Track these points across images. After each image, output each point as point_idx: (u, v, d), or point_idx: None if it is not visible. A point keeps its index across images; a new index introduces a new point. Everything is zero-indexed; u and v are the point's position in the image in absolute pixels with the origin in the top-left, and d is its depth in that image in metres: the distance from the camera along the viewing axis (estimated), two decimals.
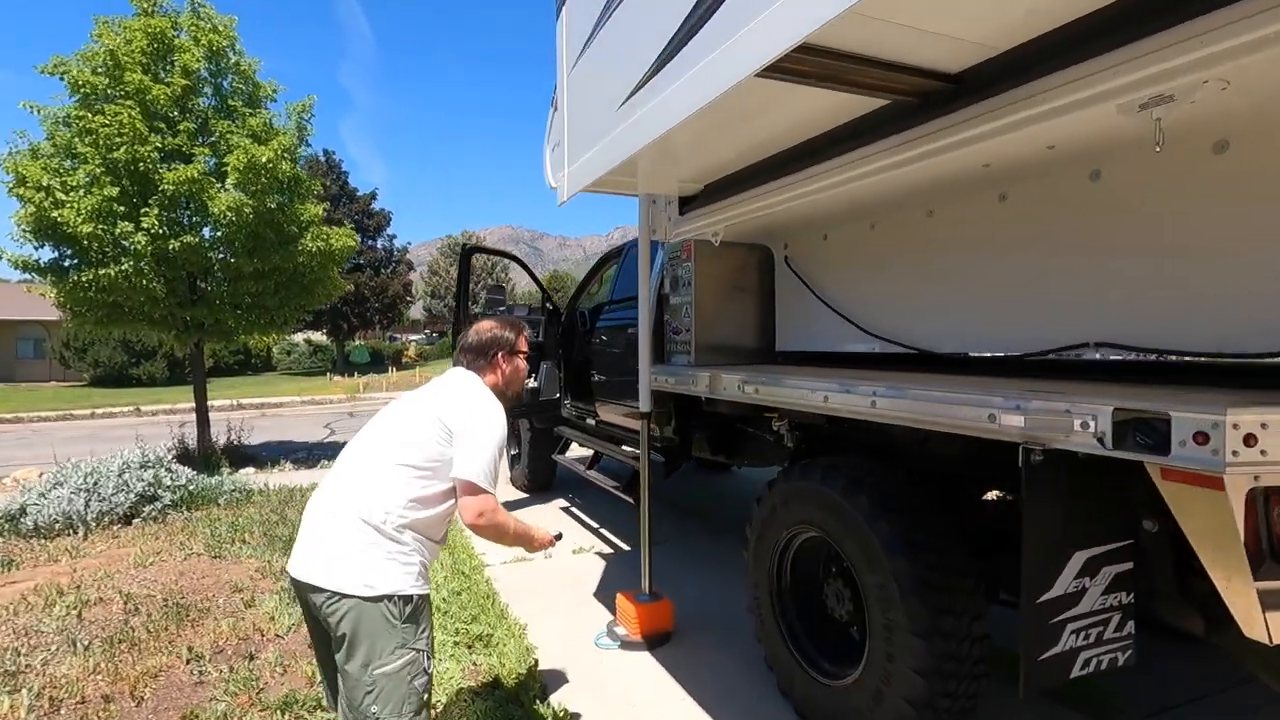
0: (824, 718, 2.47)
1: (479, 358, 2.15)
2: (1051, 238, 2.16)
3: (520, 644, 3.22)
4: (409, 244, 41.30)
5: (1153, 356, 1.93)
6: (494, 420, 1.98)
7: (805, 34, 1.39)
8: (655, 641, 3.24)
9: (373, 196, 36.00)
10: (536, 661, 3.06)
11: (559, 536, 2.21)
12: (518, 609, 3.64)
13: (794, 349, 3.53)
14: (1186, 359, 1.85)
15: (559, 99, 2.93)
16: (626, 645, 3.24)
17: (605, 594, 3.82)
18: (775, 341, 3.65)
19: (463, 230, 63.71)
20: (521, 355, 2.24)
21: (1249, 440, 1.26)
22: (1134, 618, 1.80)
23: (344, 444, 2.14)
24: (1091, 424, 1.49)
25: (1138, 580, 1.81)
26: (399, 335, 49.23)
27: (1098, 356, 2.05)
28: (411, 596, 1.80)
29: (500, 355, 2.16)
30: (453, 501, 1.93)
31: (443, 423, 1.92)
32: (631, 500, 4.25)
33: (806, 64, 1.60)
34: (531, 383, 5.72)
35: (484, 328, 2.21)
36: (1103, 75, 1.43)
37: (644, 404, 3.38)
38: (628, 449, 5.00)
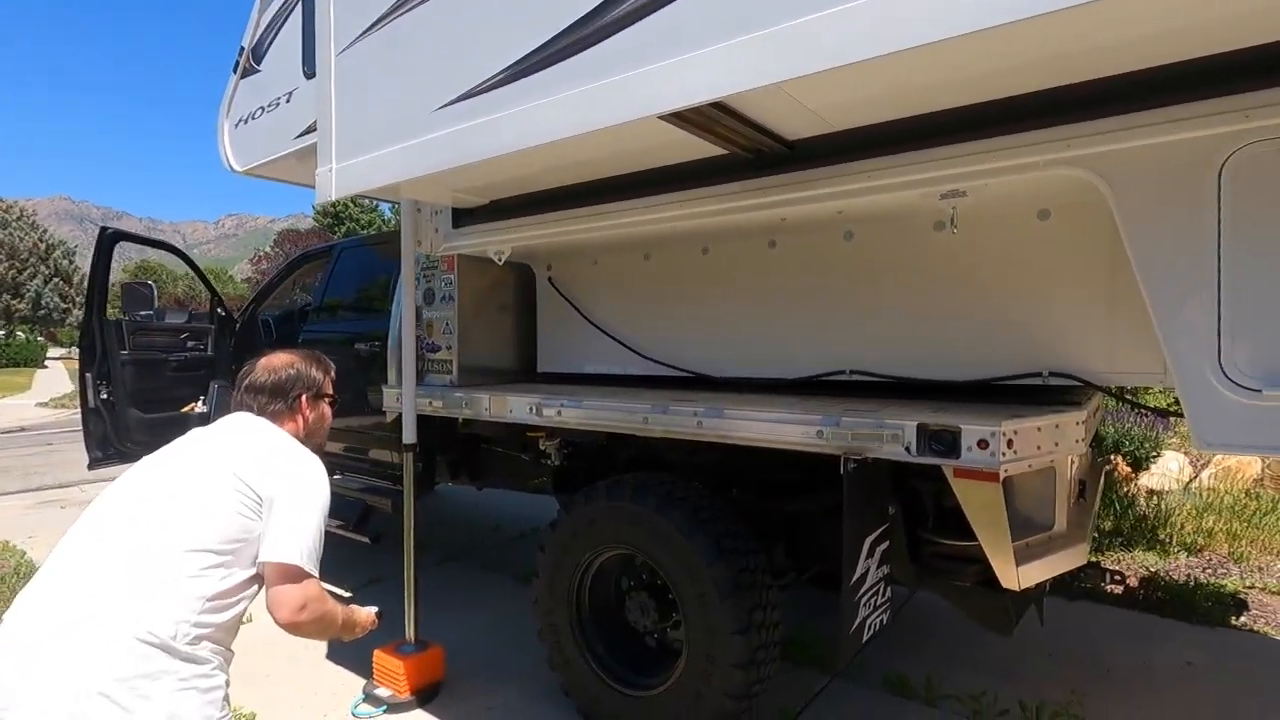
0: None
1: (275, 400, 1.73)
2: (813, 282, 2.64)
3: None
4: None
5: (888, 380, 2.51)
6: (318, 483, 1.62)
7: (734, 91, 1.47)
8: (427, 696, 2.91)
9: None
10: None
11: (380, 615, 1.86)
12: (236, 695, 2.88)
13: (558, 370, 3.56)
14: (915, 382, 2.45)
15: (323, 76, 2.45)
16: (394, 708, 2.83)
17: (345, 653, 3.27)
18: (537, 362, 3.63)
19: None
20: (328, 400, 1.86)
21: (1010, 444, 1.76)
22: (891, 584, 2.30)
23: None
24: (900, 436, 1.89)
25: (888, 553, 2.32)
26: None
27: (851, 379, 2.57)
28: None
29: (304, 398, 1.77)
30: (252, 593, 1.52)
31: (248, 487, 1.49)
32: (366, 539, 3.74)
33: (695, 111, 1.68)
34: (200, 407, 4.61)
35: (279, 363, 1.77)
36: (918, 166, 1.82)
37: (408, 434, 3.02)
38: (339, 479, 4.39)
